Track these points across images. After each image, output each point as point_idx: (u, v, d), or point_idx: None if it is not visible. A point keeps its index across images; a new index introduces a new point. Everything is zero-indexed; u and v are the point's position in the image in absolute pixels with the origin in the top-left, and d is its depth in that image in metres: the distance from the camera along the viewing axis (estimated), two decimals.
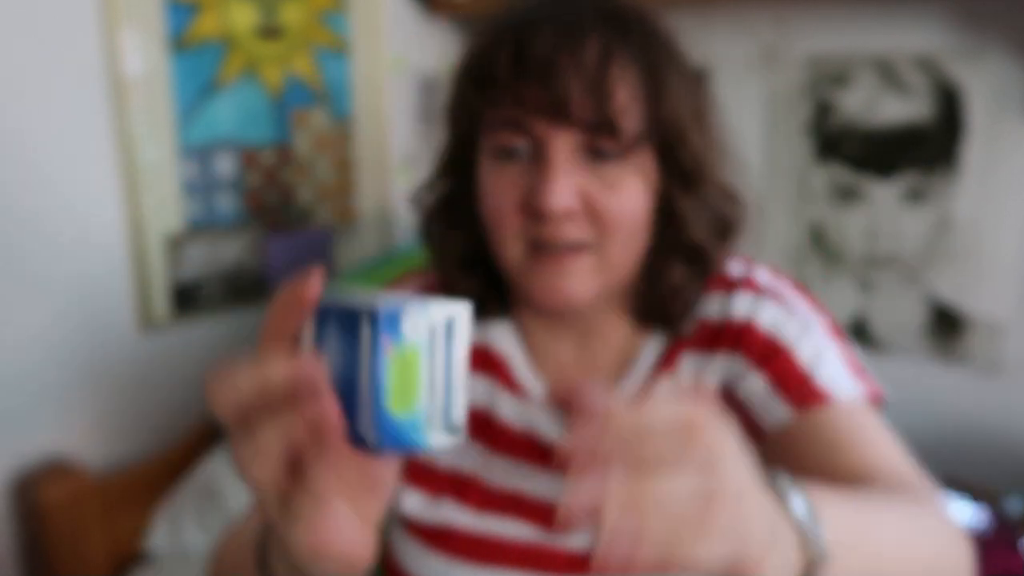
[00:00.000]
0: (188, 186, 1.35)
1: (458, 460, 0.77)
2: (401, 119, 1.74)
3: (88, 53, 1.21)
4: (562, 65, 0.64)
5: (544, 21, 0.66)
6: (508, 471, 0.76)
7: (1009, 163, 1.39)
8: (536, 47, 0.65)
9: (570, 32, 0.65)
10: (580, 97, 0.63)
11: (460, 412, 0.43)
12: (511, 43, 0.66)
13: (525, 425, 0.78)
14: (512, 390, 0.78)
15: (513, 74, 0.65)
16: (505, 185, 0.68)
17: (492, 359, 0.79)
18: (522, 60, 0.65)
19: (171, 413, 1.41)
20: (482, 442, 0.77)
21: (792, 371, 0.69)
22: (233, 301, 1.45)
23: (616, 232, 0.67)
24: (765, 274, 0.78)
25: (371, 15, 1.62)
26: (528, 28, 0.66)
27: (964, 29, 1.40)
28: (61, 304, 1.23)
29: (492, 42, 0.68)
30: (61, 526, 1.19)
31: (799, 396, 0.68)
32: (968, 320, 1.46)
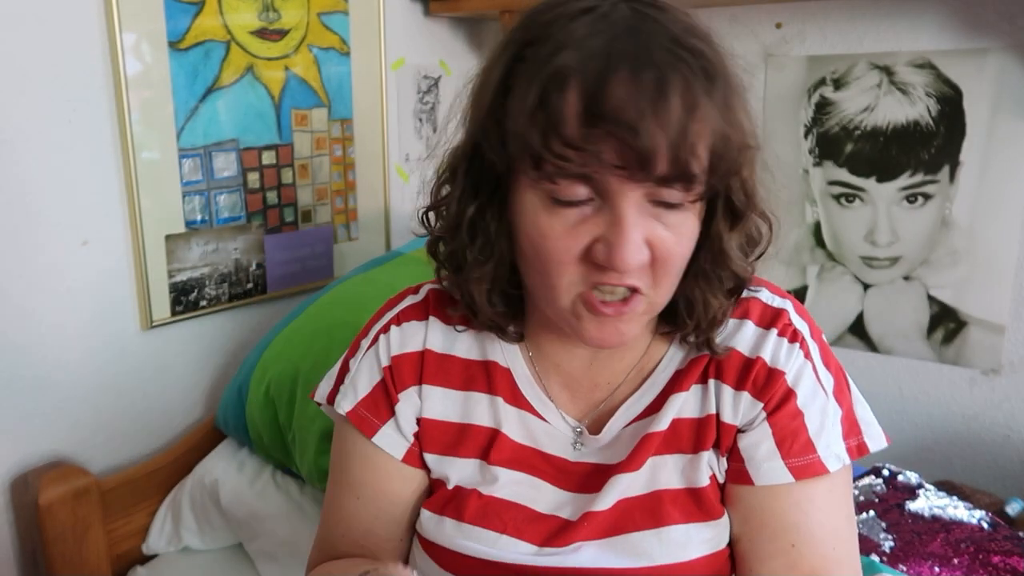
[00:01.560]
0: (188, 186, 1.35)
1: (462, 478, 0.77)
2: (401, 119, 1.74)
3: (88, 53, 1.21)
4: (645, 123, 0.58)
5: (617, 61, 0.59)
6: (510, 486, 0.76)
7: (1009, 164, 1.39)
8: (614, 99, 0.58)
9: (652, 83, 0.58)
10: (664, 154, 0.59)
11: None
12: (583, 89, 0.59)
13: (529, 440, 0.77)
14: (517, 404, 0.78)
15: (586, 124, 0.59)
16: (563, 233, 0.64)
17: (496, 375, 0.78)
18: (598, 112, 0.59)
19: (171, 413, 1.41)
20: (491, 459, 0.76)
21: (800, 438, 0.72)
22: (233, 301, 1.45)
23: (669, 275, 0.67)
24: (794, 312, 0.77)
25: (371, 15, 1.62)
26: (601, 73, 0.59)
27: (964, 29, 1.40)
28: (61, 304, 1.23)
29: (553, 79, 0.60)
30: (61, 526, 1.19)
31: (801, 468, 0.72)
32: (968, 320, 1.46)
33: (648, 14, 0.62)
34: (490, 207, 0.70)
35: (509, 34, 0.68)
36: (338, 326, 1.27)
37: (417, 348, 0.79)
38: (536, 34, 0.64)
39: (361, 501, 0.80)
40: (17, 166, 1.16)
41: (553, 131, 0.60)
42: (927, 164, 1.45)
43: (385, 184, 1.70)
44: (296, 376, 1.24)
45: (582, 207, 0.63)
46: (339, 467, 0.83)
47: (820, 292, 1.59)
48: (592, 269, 0.65)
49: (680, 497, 0.74)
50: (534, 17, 0.66)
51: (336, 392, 0.82)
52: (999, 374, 1.45)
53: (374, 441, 0.79)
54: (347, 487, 0.81)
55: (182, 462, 1.38)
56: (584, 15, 0.62)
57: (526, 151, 0.62)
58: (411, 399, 0.79)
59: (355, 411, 0.79)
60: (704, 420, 0.75)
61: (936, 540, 1.14)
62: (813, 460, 0.72)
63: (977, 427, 1.48)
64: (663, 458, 0.75)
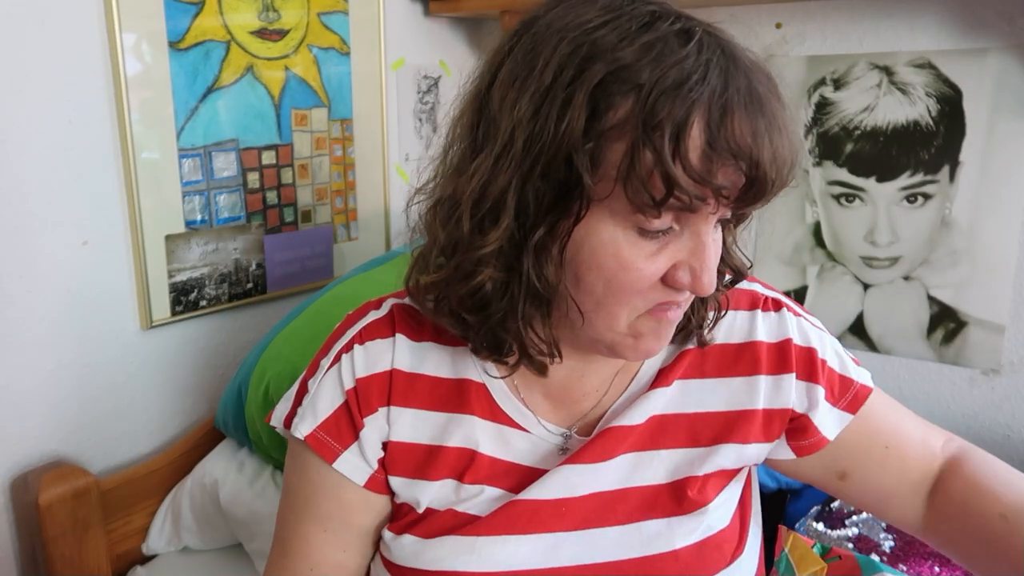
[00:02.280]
0: (188, 186, 1.35)
1: (435, 500, 0.75)
2: (401, 119, 1.74)
3: (88, 53, 1.21)
4: (766, 156, 0.59)
5: (734, 96, 0.58)
6: (488, 503, 0.74)
7: (1009, 163, 1.39)
8: (738, 133, 0.58)
9: (764, 115, 0.59)
10: (774, 182, 0.61)
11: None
12: (708, 124, 0.58)
13: (508, 455, 0.75)
14: (495, 419, 0.75)
15: (710, 158, 0.58)
16: (645, 263, 0.63)
17: (470, 392, 0.75)
18: (724, 147, 0.58)
19: (171, 413, 1.41)
20: (466, 479, 0.74)
21: (834, 380, 0.78)
22: (233, 301, 1.45)
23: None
24: (761, 286, 0.82)
25: (371, 15, 1.62)
26: (724, 108, 0.58)
27: (964, 29, 1.40)
28: (61, 304, 1.23)
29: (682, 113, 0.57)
30: (61, 526, 1.19)
31: (851, 403, 0.78)
32: (968, 320, 1.46)
33: (729, 41, 0.63)
34: (553, 240, 0.64)
35: (567, 45, 0.60)
36: None
37: (384, 368, 0.75)
38: (632, 56, 0.58)
39: (328, 533, 0.77)
40: (17, 166, 1.16)
41: (680, 166, 0.58)
42: (927, 164, 1.45)
43: (385, 184, 1.70)
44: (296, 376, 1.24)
45: (662, 234, 0.63)
46: (301, 497, 0.78)
47: (820, 292, 1.59)
48: (661, 292, 0.65)
49: (660, 492, 0.74)
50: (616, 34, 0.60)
51: (293, 415, 0.77)
52: (999, 374, 1.45)
53: (334, 467, 0.75)
54: (312, 519, 0.77)
55: (182, 462, 1.38)
56: (683, 40, 0.59)
57: (646, 190, 0.58)
58: (377, 423, 0.75)
59: (314, 435, 0.75)
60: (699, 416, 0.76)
61: None
62: (856, 390, 0.78)
63: (977, 427, 1.48)
64: (645, 455, 0.75)
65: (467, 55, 1.87)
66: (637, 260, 0.62)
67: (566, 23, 0.61)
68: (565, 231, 0.63)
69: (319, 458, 0.75)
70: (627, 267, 0.62)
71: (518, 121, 0.61)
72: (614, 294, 0.64)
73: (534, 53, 0.62)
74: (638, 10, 0.61)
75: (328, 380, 0.76)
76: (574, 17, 0.61)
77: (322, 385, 0.76)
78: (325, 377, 0.77)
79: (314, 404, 0.76)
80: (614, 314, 0.65)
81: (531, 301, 0.66)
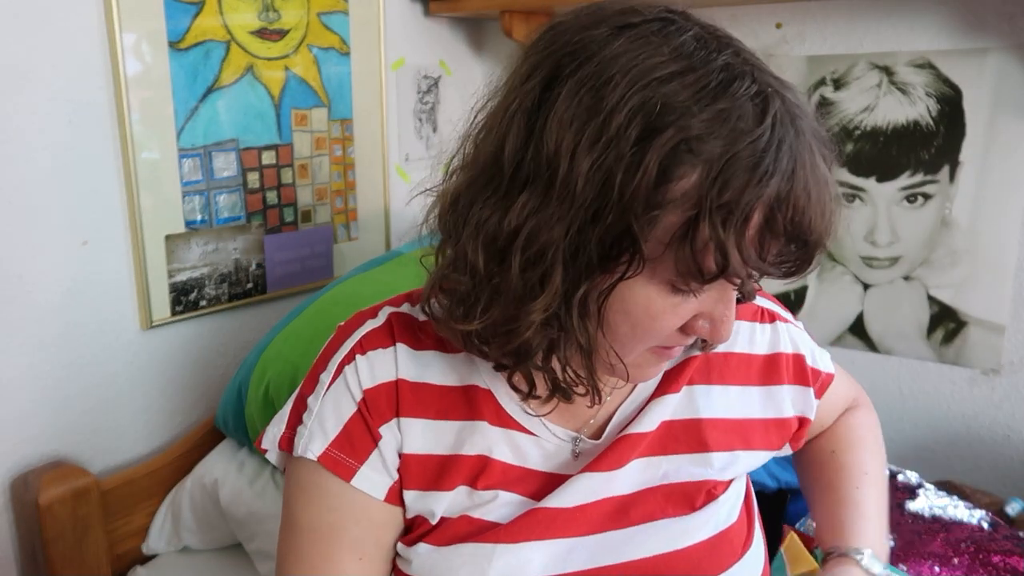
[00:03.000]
0: (188, 186, 1.35)
1: (449, 509, 0.73)
2: (401, 119, 1.74)
3: (88, 53, 1.21)
4: (815, 235, 0.60)
5: (798, 179, 0.57)
6: (502, 508, 0.73)
7: (1008, 163, 1.39)
8: (797, 215, 0.58)
9: (823, 199, 0.59)
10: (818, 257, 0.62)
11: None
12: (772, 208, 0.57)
13: (519, 460, 0.74)
14: (503, 424, 0.74)
15: (765, 237, 0.58)
16: (672, 314, 0.63)
17: (478, 398, 0.74)
18: (780, 230, 0.58)
19: (171, 413, 1.41)
20: (479, 485, 0.73)
21: (818, 376, 0.86)
22: (233, 301, 1.45)
23: None
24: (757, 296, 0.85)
25: (371, 15, 1.62)
26: (789, 193, 0.57)
27: (964, 29, 1.40)
28: (61, 304, 1.23)
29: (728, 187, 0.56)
30: (61, 526, 1.19)
31: (819, 388, 0.86)
32: (968, 320, 1.46)
33: (797, 106, 0.60)
34: (594, 294, 0.62)
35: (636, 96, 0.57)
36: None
37: (390, 378, 0.72)
38: (705, 126, 0.56)
39: (365, 561, 0.72)
40: (17, 166, 1.16)
41: (736, 247, 0.57)
42: (927, 164, 1.45)
43: (385, 184, 1.70)
44: (295, 376, 1.24)
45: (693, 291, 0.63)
46: (324, 526, 0.72)
47: (820, 292, 1.59)
48: (676, 336, 0.66)
49: (672, 493, 0.76)
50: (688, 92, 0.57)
51: (291, 434, 0.73)
52: (999, 374, 1.45)
53: (353, 484, 0.71)
54: (346, 549, 0.72)
55: (182, 462, 1.38)
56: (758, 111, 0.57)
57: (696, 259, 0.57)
58: (392, 433, 0.72)
59: (327, 454, 0.71)
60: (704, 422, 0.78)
61: (936, 540, 1.14)
62: (823, 381, 0.87)
63: (977, 427, 1.48)
64: (654, 460, 0.76)
65: (467, 55, 1.87)
66: (666, 312, 0.63)
67: (634, 66, 0.57)
68: (608, 286, 0.61)
69: (336, 478, 0.71)
70: (656, 318, 0.63)
71: (580, 172, 0.57)
72: (636, 336, 0.65)
73: (597, 96, 0.58)
74: (712, 63, 0.58)
75: (333, 394, 0.73)
76: (644, 59, 0.58)
77: (326, 401, 0.73)
78: (328, 392, 0.73)
79: (321, 422, 0.72)
80: (628, 349, 0.66)
81: (574, 352, 0.65)
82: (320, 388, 0.73)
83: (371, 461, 0.71)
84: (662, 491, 0.75)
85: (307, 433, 0.72)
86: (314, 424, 0.72)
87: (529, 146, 0.60)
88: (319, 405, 0.72)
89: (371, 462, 0.72)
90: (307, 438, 0.72)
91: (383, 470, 0.72)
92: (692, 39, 0.59)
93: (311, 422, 0.72)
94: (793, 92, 0.60)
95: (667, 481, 0.76)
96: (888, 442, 0.95)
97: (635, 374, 0.70)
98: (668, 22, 0.60)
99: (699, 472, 0.76)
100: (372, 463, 0.72)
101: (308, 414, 0.73)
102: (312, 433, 0.72)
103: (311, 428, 0.72)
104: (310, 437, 0.72)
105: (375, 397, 0.72)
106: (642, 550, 0.73)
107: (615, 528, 0.74)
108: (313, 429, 0.72)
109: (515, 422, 0.74)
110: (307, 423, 0.72)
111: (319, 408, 0.72)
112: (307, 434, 0.72)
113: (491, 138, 0.64)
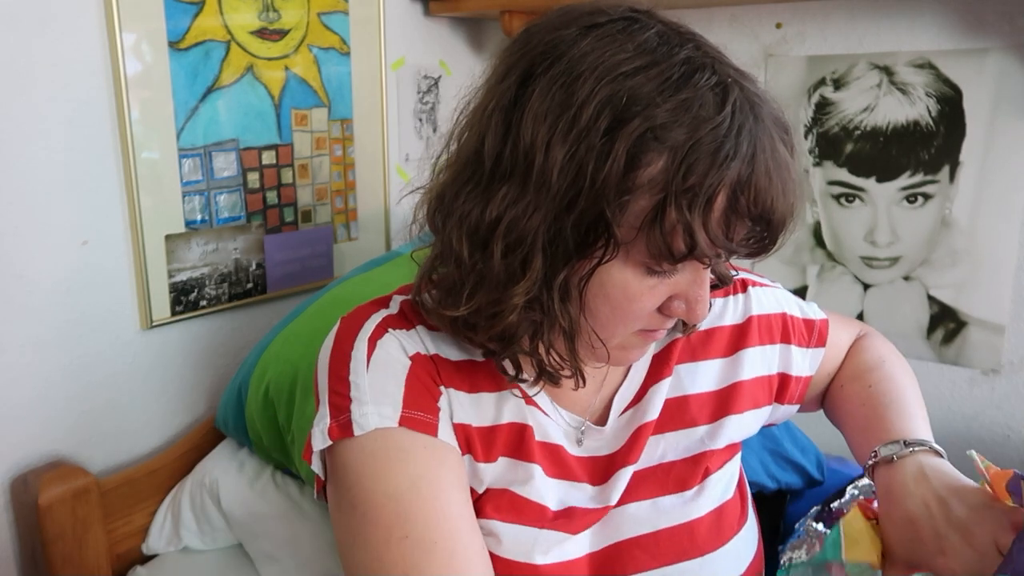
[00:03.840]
0: (188, 186, 1.35)
1: (494, 479, 0.75)
2: (401, 119, 1.74)
3: (88, 53, 1.21)
4: (778, 215, 0.63)
5: (760, 161, 0.61)
6: (535, 484, 0.76)
7: (1009, 163, 1.39)
8: (761, 197, 0.61)
9: (785, 180, 0.63)
10: (781, 238, 0.66)
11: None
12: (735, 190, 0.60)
13: (541, 436, 0.78)
14: (527, 402, 0.78)
15: (734, 219, 0.62)
16: (648, 295, 0.67)
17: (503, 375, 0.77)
18: (744, 210, 0.62)
19: (171, 413, 1.41)
20: (520, 456, 0.76)
21: (798, 327, 0.90)
22: (233, 301, 1.45)
23: None
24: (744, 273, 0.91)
25: (371, 15, 1.62)
26: (751, 176, 0.61)
27: (964, 29, 1.40)
28: (61, 303, 1.23)
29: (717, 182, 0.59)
30: (61, 526, 1.19)
31: (818, 339, 0.91)
32: (968, 320, 1.46)
33: (756, 95, 0.64)
34: (574, 280, 0.65)
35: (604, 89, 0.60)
36: None
37: (425, 352, 0.74)
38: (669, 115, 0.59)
39: (470, 505, 0.71)
40: (17, 166, 1.16)
41: (703, 228, 0.61)
42: (927, 164, 1.45)
43: (385, 184, 1.70)
44: (296, 377, 1.24)
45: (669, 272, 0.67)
46: (410, 483, 0.66)
47: (820, 292, 1.59)
48: (656, 318, 0.70)
49: (675, 468, 0.81)
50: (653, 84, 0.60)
51: (345, 419, 0.69)
52: (999, 374, 1.45)
53: (441, 439, 0.69)
54: (463, 517, 0.68)
55: (182, 462, 1.38)
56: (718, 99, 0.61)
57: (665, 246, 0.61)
58: (445, 400, 0.72)
59: (405, 416, 0.68)
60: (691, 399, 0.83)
61: None
62: (819, 327, 0.91)
63: (977, 427, 1.48)
64: (662, 437, 0.81)
65: (467, 55, 1.87)
66: (643, 294, 0.66)
67: (601, 62, 0.61)
68: (587, 272, 0.65)
69: (423, 436, 0.69)
70: (633, 299, 0.67)
71: (554, 162, 0.61)
72: (616, 319, 0.68)
73: (568, 91, 0.61)
74: (675, 57, 0.62)
75: (379, 364, 0.70)
76: (610, 55, 0.61)
77: (374, 373, 0.70)
78: (372, 364, 0.70)
79: (382, 390, 0.69)
80: (611, 333, 0.70)
81: (557, 335, 0.69)
82: (358, 365, 0.71)
83: (442, 416, 0.71)
84: (663, 468, 0.79)
85: (369, 405, 0.68)
86: (374, 395, 0.69)
87: (507, 141, 0.64)
88: (368, 379, 0.70)
89: (443, 417, 0.71)
90: (372, 410, 0.68)
91: (449, 428, 0.72)
92: (655, 36, 0.63)
93: (366, 396, 0.69)
94: (752, 82, 0.64)
95: (665, 459, 0.80)
96: None
97: (619, 356, 0.73)
98: (632, 21, 0.64)
99: (694, 446, 0.81)
100: (443, 418, 0.72)
101: (356, 390, 0.69)
102: (377, 402, 0.69)
103: (373, 400, 0.69)
104: (376, 407, 0.68)
105: (422, 363, 0.72)
106: (645, 526, 0.77)
107: (624, 503, 0.78)
108: (376, 399, 0.69)
109: (534, 401, 0.78)
110: (361, 399, 0.69)
111: (370, 381, 0.70)
112: (370, 406, 0.68)
113: (472, 135, 0.67)
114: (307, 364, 1.25)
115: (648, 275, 0.65)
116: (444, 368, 0.74)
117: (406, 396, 0.70)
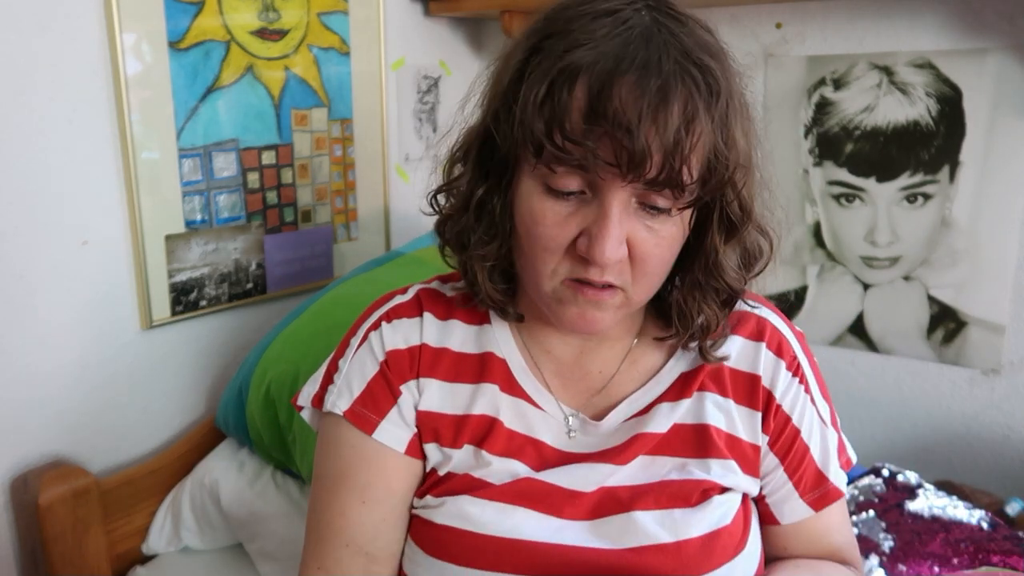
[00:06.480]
0: (188, 186, 1.35)
1: (456, 465, 0.78)
2: (401, 119, 1.74)
3: (88, 53, 1.21)
4: (643, 127, 0.61)
5: (626, 66, 0.62)
6: (501, 473, 0.76)
7: (1009, 163, 1.39)
8: (617, 101, 0.61)
9: (654, 90, 0.62)
10: (656, 158, 0.62)
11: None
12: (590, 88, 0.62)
13: (524, 428, 0.79)
14: (512, 393, 0.79)
15: (588, 121, 0.62)
16: (554, 221, 0.68)
17: (492, 365, 0.80)
18: (601, 112, 0.62)
19: (171, 413, 1.41)
20: (484, 446, 0.77)
21: (809, 471, 0.81)
22: (233, 301, 1.45)
23: (647, 276, 0.71)
24: (785, 328, 0.83)
25: (371, 15, 1.62)
26: (610, 74, 0.62)
27: (964, 29, 1.40)
28: (61, 304, 1.23)
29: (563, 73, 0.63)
30: (61, 526, 1.19)
31: (819, 499, 0.81)
32: (968, 320, 1.46)
33: (667, 25, 0.65)
34: (497, 189, 0.72)
35: (533, 23, 0.69)
36: (338, 326, 1.26)
37: (413, 343, 0.80)
38: (557, 28, 0.66)
39: (367, 505, 0.78)
40: (17, 166, 1.16)
41: (556, 123, 0.63)
42: (927, 164, 1.45)
43: (385, 184, 1.70)
44: (296, 376, 1.24)
45: (574, 199, 0.67)
46: (336, 472, 0.80)
47: (820, 292, 1.59)
48: (576, 262, 0.69)
49: (671, 487, 0.77)
50: (559, 11, 0.68)
51: (323, 393, 0.81)
52: (999, 374, 1.45)
53: (375, 438, 0.78)
54: (349, 491, 0.79)
55: (182, 462, 1.38)
56: (605, 17, 0.65)
57: (529, 139, 0.65)
58: (411, 390, 0.79)
59: (352, 410, 0.78)
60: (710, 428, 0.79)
61: (936, 540, 1.14)
62: (827, 490, 0.81)
63: (977, 427, 1.48)
64: (659, 459, 0.78)
65: (467, 55, 1.87)
66: (546, 216, 0.68)
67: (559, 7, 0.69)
68: (507, 181, 0.72)
69: (358, 431, 0.78)
70: (537, 221, 0.68)
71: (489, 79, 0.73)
72: (533, 249, 0.70)
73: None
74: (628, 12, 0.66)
75: (359, 356, 0.80)
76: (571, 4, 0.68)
77: (353, 363, 0.80)
78: (356, 355, 0.80)
79: (348, 381, 0.80)
80: (538, 272, 0.71)
81: (490, 242, 0.74)
82: (349, 351, 0.81)
83: (391, 416, 0.78)
84: (661, 487, 0.77)
85: (336, 391, 0.80)
86: (342, 383, 0.80)
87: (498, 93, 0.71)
88: (347, 366, 0.80)
89: (391, 417, 0.78)
90: (335, 395, 0.79)
91: (402, 424, 0.78)
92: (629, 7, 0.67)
93: (340, 381, 0.80)
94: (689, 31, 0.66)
95: (668, 479, 0.77)
96: (888, 442, 0.94)
97: (559, 313, 0.73)
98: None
99: (699, 474, 0.77)
100: (392, 418, 0.78)
101: (338, 375, 0.81)
102: (340, 391, 0.79)
103: (339, 387, 0.80)
104: (338, 395, 0.79)
105: (397, 358, 0.79)
106: (633, 540, 0.74)
107: (608, 515, 0.76)
108: (341, 388, 0.80)
109: (524, 393, 0.79)
110: (336, 382, 0.80)
111: (347, 369, 0.80)
112: (336, 392, 0.80)
113: (480, 108, 0.74)
114: (307, 364, 1.25)
115: (548, 193, 0.67)
116: (428, 358, 0.80)
117: (363, 393, 0.79)
